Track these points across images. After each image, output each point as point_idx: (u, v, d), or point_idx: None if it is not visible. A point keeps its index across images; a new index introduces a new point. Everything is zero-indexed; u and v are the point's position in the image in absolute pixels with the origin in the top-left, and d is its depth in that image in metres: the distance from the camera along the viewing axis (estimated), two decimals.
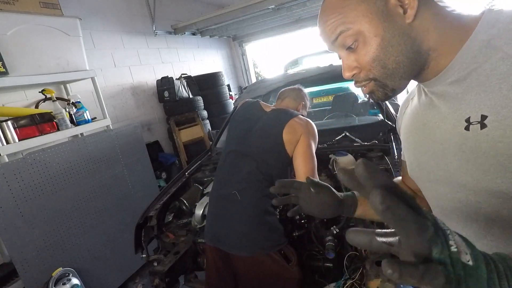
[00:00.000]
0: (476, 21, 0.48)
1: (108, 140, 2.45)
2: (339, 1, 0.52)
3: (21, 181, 1.86)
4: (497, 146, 0.44)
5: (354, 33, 0.51)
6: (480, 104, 0.46)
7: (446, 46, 0.50)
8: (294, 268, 1.24)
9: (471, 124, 0.47)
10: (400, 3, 0.49)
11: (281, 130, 1.29)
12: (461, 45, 0.48)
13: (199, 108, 4.14)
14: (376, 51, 0.51)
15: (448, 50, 0.50)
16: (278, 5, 3.88)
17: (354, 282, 1.16)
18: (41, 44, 2.18)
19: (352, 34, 0.52)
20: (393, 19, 0.49)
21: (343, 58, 0.56)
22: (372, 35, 0.50)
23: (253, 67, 7.02)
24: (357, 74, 0.55)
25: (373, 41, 0.51)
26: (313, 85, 4.13)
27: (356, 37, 0.52)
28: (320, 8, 0.56)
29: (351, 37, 0.52)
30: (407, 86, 0.56)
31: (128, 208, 2.54)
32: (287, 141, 1.28)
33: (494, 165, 0.45)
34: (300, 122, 1.31)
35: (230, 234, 1.24)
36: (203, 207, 1.60)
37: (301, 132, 1.29)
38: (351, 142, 1.89)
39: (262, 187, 1.25)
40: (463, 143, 0.49)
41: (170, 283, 1.47)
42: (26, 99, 2.49)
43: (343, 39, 0.53)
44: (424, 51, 0.51)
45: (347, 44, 0.53)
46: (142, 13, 3.95)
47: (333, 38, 0.54)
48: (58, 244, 2.03)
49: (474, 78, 0.47)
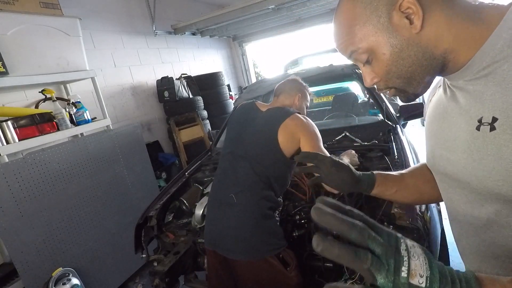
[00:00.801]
0: (500, 15, 0.45)
1: (108, 140, 2.45)
2: (347, 21, 0.54)
3: (21, 181, 1.86)
4: (502, 150, 0.44)
5: (365, 51, 0.53)
6: (493, 106, 0.45)
7: (465, 43, 0.48)
8: (292, 272, 1.21)
9: (482, 125, 0.47)
10: (405, 14, 0.48)
11: (275, 131, 1.26)
12: (482, 41, 0.46)
13: (199, 108, 4.14)
14: (387, 66, 0.53)
15: (468, 46, 0.48)
16: (278, 5, 3.88)
17: (354, 282, 1.16)
18: (41, 44, 2.18)
19: (363, 52, 0.54)
20: (400, 32, 0.50)
21: (361, 69, 0.58)
22: (381, 53, 0.52)
23: (253, 67, 7.02)
24: (377, 82, 0.57)
25: (382, 57, 0.52)
26: (313, 85, 4.13)
27: (368, 53, 0.53)
28: (332, 24, 0.58)
29: (363, 54, 0.54)
30: (432, 82, 0.56)
31: (128, 208, 2.54)
32: (283, 142, 1.25)
33: (497, 168, 0.46)
34: (296, 122, 1.27)
35: (227, 238, 1.23)
36: (203, 207, 1.60)
37: (300, 134, 1.25)
38: (351, 142, 1.89)
39: (258, 189, 1.23)
40: (472, 142, 0.49)
41: (170, 283, 1.47)
42: (26, 99, 2.49)
43: (356, 56, 0.55)
44: (439, 55, 0.50)
45: (362, 61, 0.56)
46: (142, 13, 3.95)
47: (347, 55, 0.57)
48: (58, 244, 2.03)
49: (492, 78, 0.46)
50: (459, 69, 0.51)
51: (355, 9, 0.52)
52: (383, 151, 1.66)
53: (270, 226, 1.22)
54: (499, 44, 0.45)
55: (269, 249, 1.19)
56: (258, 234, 1.20)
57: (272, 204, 1.25)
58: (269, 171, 1.25)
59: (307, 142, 1.24)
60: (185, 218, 1.79)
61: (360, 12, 0.51)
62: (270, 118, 1.33)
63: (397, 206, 1.23)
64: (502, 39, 0.44)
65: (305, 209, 1.47)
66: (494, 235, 0.52)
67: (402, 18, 0.49)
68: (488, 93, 0.46)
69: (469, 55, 0.48)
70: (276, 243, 1.22)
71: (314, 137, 1.26)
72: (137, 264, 2.56)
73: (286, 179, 1.34)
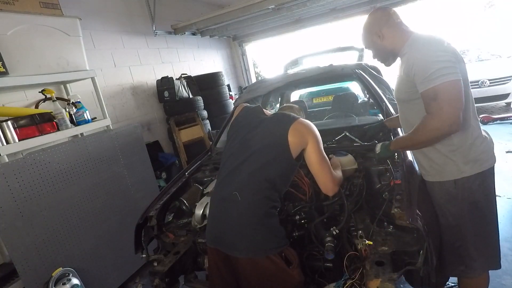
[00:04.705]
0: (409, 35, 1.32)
1: (108, 140, 2.45)
2: (364, 36, 1.44)
3: (21, 181, 1.86)
4: (400, 81, 1.38)
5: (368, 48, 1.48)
6: (399, 71, 1.39)
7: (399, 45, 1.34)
8: (294, 270, 1.23)
9: (397, 77, 1.42)
10: (379, 35, 1.36)
11: (286, 132, 1.30)
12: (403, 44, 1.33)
13: (199, 108, 4.14)
14: (375, 57, 1.46)
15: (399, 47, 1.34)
16: (278, 5, 3.88)
17: (354, 282, 1.16)
18: (41, 44, 2.18)
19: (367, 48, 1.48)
20: (376, 42, 1.39)
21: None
22: (372, 50, 1.45)
23: (253, 67, 7.02)
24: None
25: (372, 53, 1.46)
26: (313, 85, 4.13)
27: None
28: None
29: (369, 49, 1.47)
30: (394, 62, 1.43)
31: (128, 208, 2.54)
32: (292, 142, 1.29)
33: (398, 87, 1.41)
34: (305, 124, 1.34)
35: (230, 235, 1.24)
36: (203, 207, 1.59)
37: (308, 137, 1.31)
38: (351, 142, 1.90)
39: (262, 189, 1.24)
40: (396, 83, 1.43)
41: (170, 283, 1.47)
42: (26, 99, 2.50)
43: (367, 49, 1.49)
44: (396, 50, 1.36)
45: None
46: (142, 13, 3.95)
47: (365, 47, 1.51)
48: (58, 244, 2.03)
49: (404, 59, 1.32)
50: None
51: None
52: None
53: (273, 225, 1.24)
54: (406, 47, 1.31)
55: (272, 247, 1.20)
56: (261, 232, 1.21)
57: (275, 204, 1.26)
58: (274, 171, 1.27)
59: (313, 145, 1.31)
60: (185, 218, 1.79)
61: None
62: (279, 120, 1.39)
63: (397, 206, 1.23)
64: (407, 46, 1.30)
65: (305, 209, 1.47)
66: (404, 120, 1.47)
67: (378, 37, 1.37)
68: (399, 68, 1.38)
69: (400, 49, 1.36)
70: (278, 241, 1.23)
71: (319, 141, 1.34)
72: (137, 264, 2.56)
73: (289, 179, 1.36)
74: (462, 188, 1.27)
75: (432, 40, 1.22)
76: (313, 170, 1.33)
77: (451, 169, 1.27)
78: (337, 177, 1.36)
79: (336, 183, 1.33)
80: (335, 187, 1.32)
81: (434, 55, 1.15)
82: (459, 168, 1.26)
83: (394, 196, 1.30)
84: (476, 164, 1.25)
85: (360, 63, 2.77)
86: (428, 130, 1.19)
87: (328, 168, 1.32)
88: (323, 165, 1.31)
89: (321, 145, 1.34)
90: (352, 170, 1.58)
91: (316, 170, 1.32)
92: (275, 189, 1.27)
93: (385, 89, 2.43)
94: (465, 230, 1.30)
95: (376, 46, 1.39)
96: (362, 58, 3.85)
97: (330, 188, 1.32)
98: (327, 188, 1.32)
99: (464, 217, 1.29)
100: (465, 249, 1.32)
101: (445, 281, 1.54)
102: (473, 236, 1.30)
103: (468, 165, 1.25)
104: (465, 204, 1.28)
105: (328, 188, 1.32)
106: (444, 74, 1.11)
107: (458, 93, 1.12)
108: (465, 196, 1.27)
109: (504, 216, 2.47)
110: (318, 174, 1.32)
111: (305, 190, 1.50)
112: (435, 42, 1.21)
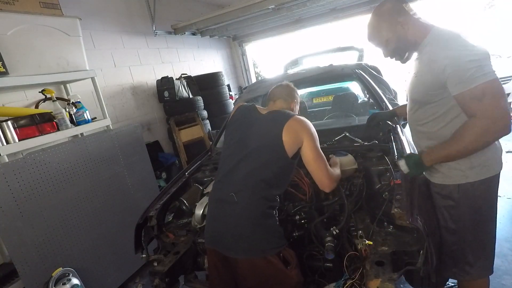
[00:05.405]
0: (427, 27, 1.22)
1: (108, 140, 2.45)
2: (381, 28, 1.27)
3: (21, 181, 1.86)
4: (416, 81, 1.26)
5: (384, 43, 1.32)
6: (415, 68, 1.27)
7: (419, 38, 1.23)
8: (293, 271, 1.23)
9: (414, 75, 1.27)
10: (402, 24, 1.22)
11: (280, 131, 1.30)
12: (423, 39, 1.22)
13: (199, 108, 4.14)
14: (393, 52, 1.31)
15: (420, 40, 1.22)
16: (278, 5, 3.88)
17: (354, 282, 1.16)
18: (41, 44, 2.18)
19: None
20: (399, 33, 1.24)
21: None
22: (391, 44, 1.28)
23: (253, 67, 7.02)
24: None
25: (389, 48, 1.31)
26: (313, 85, 4.13)
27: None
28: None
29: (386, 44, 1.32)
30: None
31: (128, 208, 2.54)
32: (287, 142, 1.28)
33: (415, 88, 1.27)
34: (300, 122, 1.33)
35: (227, 236, 1.24)
36: (203, 207, 1.59)
37: (303, 134, 1.30)
38: (351, 142, 1.90)
39: (259, 189, 1.24)
40: (411, 81, 1.29)
41: (170, 283, 1.47)
42: (26, 99, 2.49)
43: None
44: (417, 43, 1.24)
45: None
46: (142, 13, 3.95)
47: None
48: (58, 244, 2.03)
49: (419, 58, 1.25)
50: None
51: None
52: (383, 151, 1.66)
53: (270, 225, 1.23)
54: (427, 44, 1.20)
55: (270, 248, 1.20)
56: (259, 232, 1.21)
57: (272, 204, 1.26)
58: (271, 171, 1.27)
59: (309, 143, 1.30)
60: (185, 218, 1.79)
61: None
62: (273, 119, 1.38)
63: (397, 206, 1.23)
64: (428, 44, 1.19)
65: (305, 209, 1.47)
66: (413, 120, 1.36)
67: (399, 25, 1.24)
68: (418, 63, 1.25)
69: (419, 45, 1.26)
70: (276, 242, 1.23)
71: (315, 138, 1.33)
72: (137, 264, 2.56)
73: (288, 177, 1.36)
74: (465, 193, 1.23)
75: (459, 36, 1.12)
76: (309, 167, 1.33)
77: (456, 173, 1.23)
78: (334, 174, 1.36)
79: (332, 180, 1.32)
80: (332, 184, 1.32)
81: (470, 53, 1.05)
82: (464, 173, 1.21)
83: (394, 196, 1.30)
84: (483, 170, 1.19)
85: (360, 63, 2.78)
86: (479, 135, 1.07)
87: (324, 165, 1.32)
88: (319, 162, 1.31)
89: (317, 141, 1.33)
90: (352, 170, 1.58)
91: (312, 166, 1.32)
92: (273, 189, 1.27)
93: (385, 89, 2.43)
94: (464, 234, 1.27)
95: (399, 37, 1.22)
96: (362, 58, 3.86)
97: (327, 184, 1.32)
98: (324, 184, 1.32)
99: (464, 222, 1.26)
100: (461, 253, 1.29)
101: (444, 281, 1.54)
102: (472, 242, 1.27)
103: (474, 170, 1.19)
104: (466, 210, 1.24)
105: (324, 185, 1.32)
106: (485, 72, 1.03)
107: (503, 91, 1.04)
108: (467, 202, 1.23)
109: (504, 216, 2.47)
110: (314, 170, 1.32)
111: (305, 190, 1.50)
112: (463, 38, 1.11)
